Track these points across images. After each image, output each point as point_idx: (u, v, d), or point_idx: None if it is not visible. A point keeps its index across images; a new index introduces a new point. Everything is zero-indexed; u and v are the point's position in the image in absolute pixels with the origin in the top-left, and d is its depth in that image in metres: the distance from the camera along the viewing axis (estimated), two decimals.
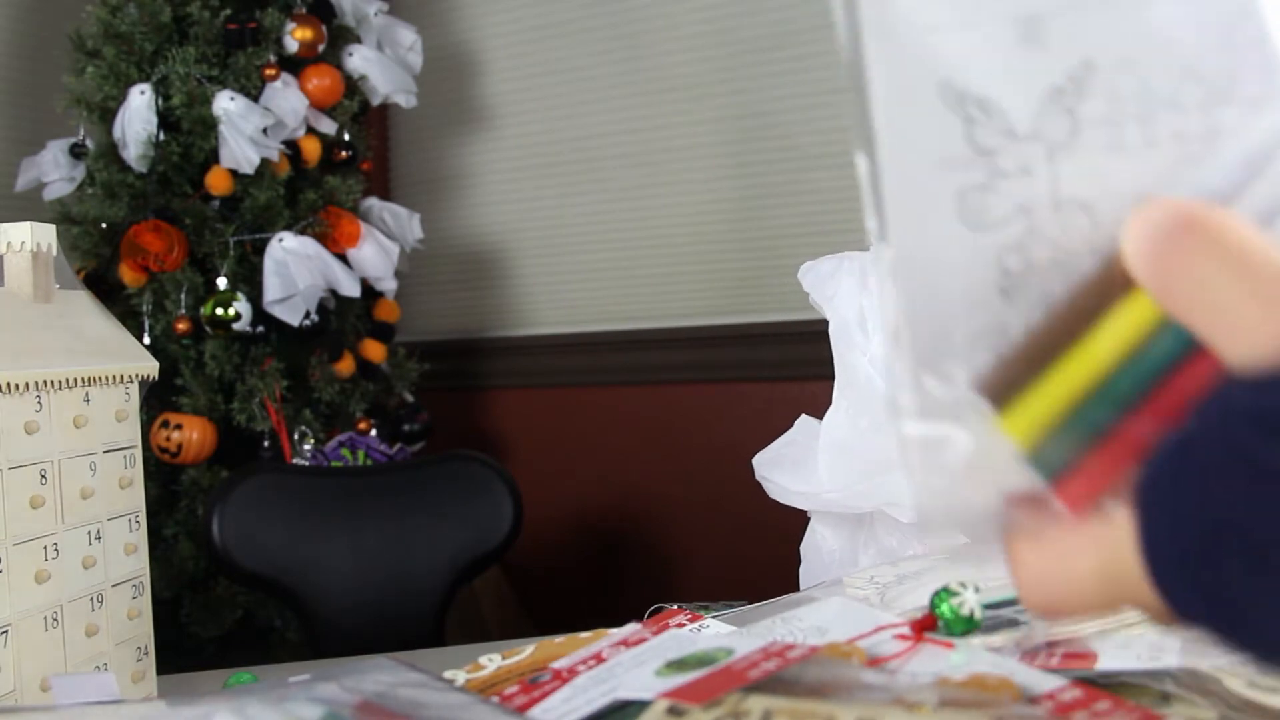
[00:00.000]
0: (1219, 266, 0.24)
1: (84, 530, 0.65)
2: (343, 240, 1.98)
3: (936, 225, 0.29)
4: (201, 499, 1.80)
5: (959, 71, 0.28)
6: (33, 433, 0.61)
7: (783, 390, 2.20)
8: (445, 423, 2.39)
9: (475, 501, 1.48)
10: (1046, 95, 0.28)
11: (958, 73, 0.28)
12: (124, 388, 0.70)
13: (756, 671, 0.37)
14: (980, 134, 0.28)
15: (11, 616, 0.59)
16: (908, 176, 0.29)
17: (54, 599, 0.63)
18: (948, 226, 0.29)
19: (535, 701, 0.45)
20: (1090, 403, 0.27)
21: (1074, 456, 0.27)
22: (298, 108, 1.91)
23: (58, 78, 1.93)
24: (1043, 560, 0.27)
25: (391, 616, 1.41)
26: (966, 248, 0.28)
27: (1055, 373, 0.28)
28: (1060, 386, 0.28)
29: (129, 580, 0.70)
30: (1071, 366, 0.27)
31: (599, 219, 2.49)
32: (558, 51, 2.51)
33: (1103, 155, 0.28)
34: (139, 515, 0.71)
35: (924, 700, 0.35)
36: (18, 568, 0.60)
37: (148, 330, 1.84)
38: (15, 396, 0.60)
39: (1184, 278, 0.25)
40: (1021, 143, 0.28)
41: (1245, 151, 0.27)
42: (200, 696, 0.45)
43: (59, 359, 0.64)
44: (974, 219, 0.28)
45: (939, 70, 0.28)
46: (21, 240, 0.65)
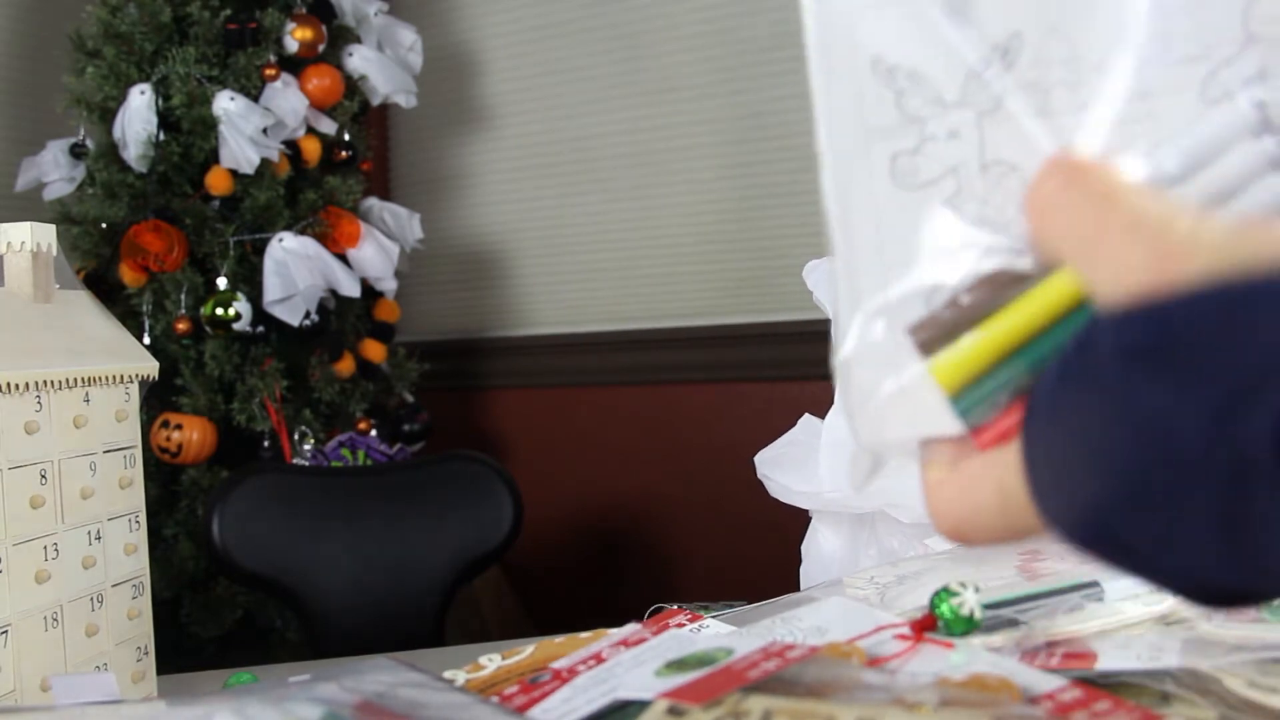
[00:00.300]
0: (1090, 206, 0.26)
1: (84, 530, 0.65)
2: (343, 240, 1.98)
3: (872, 186, 0.31)
4: (201, 499, 1.80)
5: (889, 46, 0.30)
6: (33, 433, 0.61)
7: (783, 390, 2.20)
8: (445, 423, 2.39)
9: (475, 501, 1.48)
10: (974, 64, 0.29)
11: (888, 47, 0.30)
12: (124, 388, 0.70)
13: (756, 671, 0.37)
14: (910, 103, 0.30)
15: (11, 616, 0.59)
16: (845, 143, 0.31)
17: (54, 599, 0.63)
18: (882, 187, 0.31)
19: (535, 701, 0.45)
20: (1013, 361, 0.29)
21: (993, 407, 0.29)
22: (298, 108, 1.91)
23: (58, 78, 1.93)
24: (951, 488, 0.29)
25: (391, 616, 1.41)
26: (900, 206, 0.30)
27: (984, 330, 0.29)
28: (987, 343, 0.29)
29: (129, 580, 0.70)
30: (999, 326, 0.29)
31: (599, 219, 2.49)
32: (558, 51, 2.51)
33: (1030, 119, 0.29)
34: (139, 515, 0.71)
35: (924, 700, 0.35)
36: (18, 568, 0.60)
37: (148, 330, 1.84)
38: (15, 396, 0.60)
39: (1061, 216, 0.26)
40: (950, 110, 0.30)
41: (1197, 142, 0.28)
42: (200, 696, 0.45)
43: (59, 359, 0.64)
44: (906, 180, 0.30)
45: (871, 46, 0.30)
46: (21, 240, 0.65)
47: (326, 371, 1.95)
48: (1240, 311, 0.23)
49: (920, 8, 0.30)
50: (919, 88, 0.30)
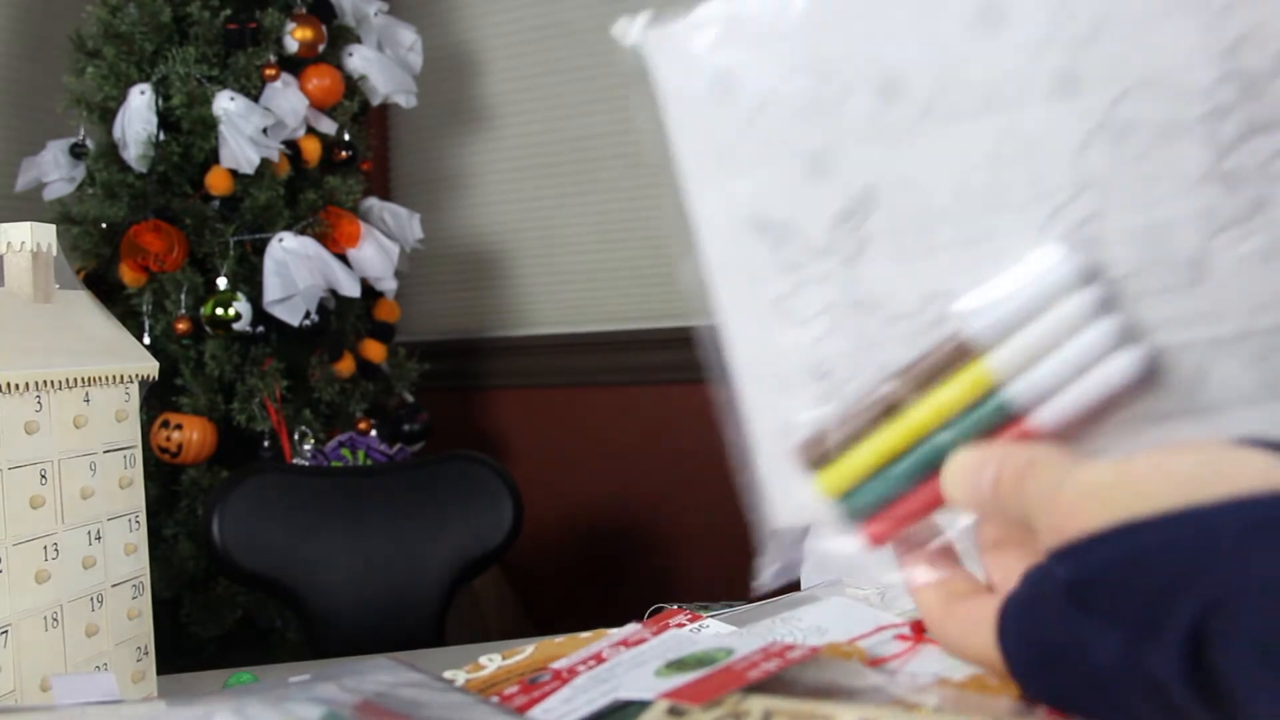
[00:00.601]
0: (1037, 493, 0.31)
1: (84, 530, 0.65)
2: (343, 240, 1.98)
3: (759, 324, 0.36)
4: (201, 499, 1.80)
5: (761, 203, 0.34)
6: (33, 433, 0.61)
7: None
8: (445, 423, 2.39)
9: (475, 501, 1.48)
10: (836, 216, 0.34)
11: (760, 204, 0.34)
12: (124, 388, 0.70)
13: (756, 672, 0.37)
14: (784, 252, 0.35)
15: (11, 616, 0.59)
16: (732, 287, 0.35)
17: (54, 599, 0.63)
18: (768, 324, 0.35)
19: (535, 702, 0.45)
20: (900, 464, 0.34)
21: (878, 505, 0.34)
22: (298, 108, 1.91)
23: (58, 78, 1.93)
24: (953, 629, 0.35)
25: (391, 616, 1.41)
26: (785, 340, 0.35)
27: (867, 442, 0.34)
28: (865, 458, 0.34)
29: (129, 580, 0.70)
30: (875, 444, 0.34)
31: (599, 219, 2.49)
32: (558, 51, 2.51)
33: (891, 261, 0.34)
34: (139, 515, 0.71)
35: (923, 701, 0.35)
36: (18, 568, 0.60)
37: (148, 330, 1.84)
38: (15, 396, 0.60)
39: (1020, 497, 0.32)
40: (819, 256, 0.34)
41: (1030, 295, 0.32)
42: (200, 696, 0.45)
43: (59, 359, 0.63)
44: (787, 318, 0.35)
45: (747, 204, 0.35)
46: (21, 240, 0.65)
47: (326, 371, 1.95)
48: (1136, 555, 0.27)
49: (786, 169, 0.34)
50: (791, 238, 0.34)
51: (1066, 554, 0.29)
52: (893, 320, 0.34)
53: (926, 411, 0.33)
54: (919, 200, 0.33)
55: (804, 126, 0.33)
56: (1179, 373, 0.31)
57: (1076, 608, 0.29)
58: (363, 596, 1.41)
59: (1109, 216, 0.31)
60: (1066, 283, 0.31)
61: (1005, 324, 0.32)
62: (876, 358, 0.34)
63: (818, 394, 0.35)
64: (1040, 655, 0.30)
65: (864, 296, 0.34)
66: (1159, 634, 0.26)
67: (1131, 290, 0.31)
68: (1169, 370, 0.31)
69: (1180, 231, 0.31)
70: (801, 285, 0.35)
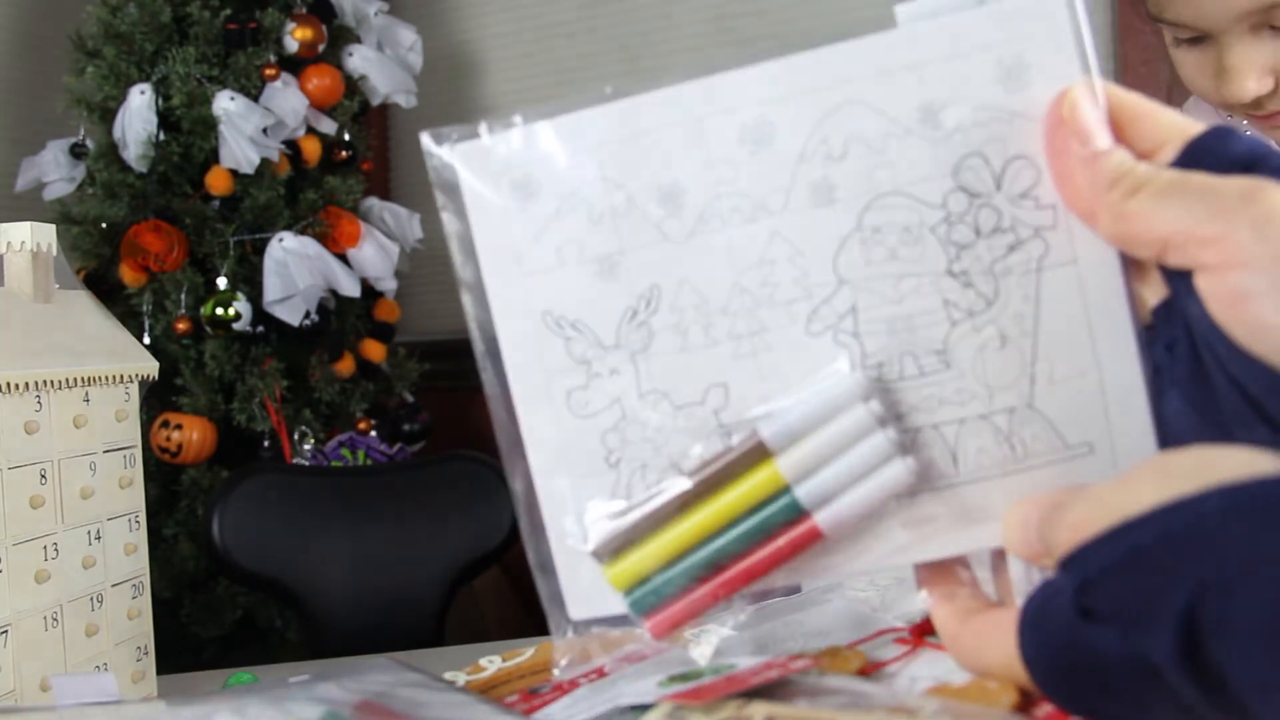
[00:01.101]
0: (1058, 523, 0.33)
1: (84, 530, 0.65)
2: (343, 240, 1.98)
3: (554, 416, 0.38)
4: (201, 499, 1.80)
5: (555, 302, 0.38)
6: (33, 433, 0.61)
7: None
8: (445, 423, 2.39)
9: (475, 502, 1.48)
10: (624, 314, 0.37)
11: (554, 303, 0.38)
12: (124, 388, 0.70)
13: (759, 679, 0.37)
14: (577, 348, 0.38)
15: (11, 616, 0.59)
16: (529, 381, 0.38)
17: (54, 599, 0.63)
18: (563, 416, 0.38)
19: (535, 709, 0.45)
20: (685, 560, 0.36)
21: (662, 601, 0.36)
22: (298, 108, 1.91)
23: (58, 78, 1.93)
24: (966, 643, 0.36)
25: (391, 616, 1.41)
26: (578, 431, 0.38)
27: (656, 538, 0.36)
28: (658, 550, 0.36)
29: (129, 580, 0.70)
30: (662, 541, 0.36)
31: None
32: (558, 51, 2.51)
33: (675, 355, 0.37)
34: (139, 515, 0.71)
35: (923, 706, 0.35)
36: (18, 568, 0.60)
37: (148, 330, 1.84)
38: (15, 396, 0.60)
39: (1050, 533, 0.33)
40: (609, 351, 0.37)
41: (815, 405, 0.36)
42: (200, 696, 0.45)
43: (59, 359, 0.63)
44: (580, 410, 0.38)
45: (541, 302, 0.38)
46: (21, 240, 0.65)
47: (326, 371, 1.95)
48: (1132, 550, 0.29)
49: (578, 270, 0.38)
50: (582, 335, 0.38)
51: (1070, 561, 0.31)
52: (676, 410, 0.37)
53: (716, 510, 0.36)
54: (699, 298, 0.37)
55: (595, 231, 0.37)
56: (933, 450, 0.35)
57: (1082, 614, 0.30)
58: (363, 596, 1.41)
59: (864, 310, 0.36)
60: (851, 395, 0.35)
61: (795, 430, 0.35)
62: (663, 447, 0.37)
63: (610, 484, 0.38)
64: (1056, 662, 0.31)
65: (650, 389, 0.37)
66: (1154, 622, 0.27)
67: (888, 376, 0.35)
68: (924, 448, 0.35)
69: (925, 323, 0.35)
70: (593, 379, 0.38)
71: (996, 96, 0.35)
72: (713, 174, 0.37)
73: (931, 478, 0.35)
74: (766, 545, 0.35)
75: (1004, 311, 0.35)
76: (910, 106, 0.35)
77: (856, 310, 0.36)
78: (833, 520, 0.35)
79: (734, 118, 0.37)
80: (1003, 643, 0.34)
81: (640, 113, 0.38)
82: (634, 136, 0.38)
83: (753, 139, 0.36)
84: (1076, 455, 0.35)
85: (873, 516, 0.35)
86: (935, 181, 0.35)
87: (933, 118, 0.35)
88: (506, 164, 0.38)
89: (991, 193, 0.35)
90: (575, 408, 0.38)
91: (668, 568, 0.36)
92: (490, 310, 0.39)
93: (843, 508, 0.35)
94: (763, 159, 0.36)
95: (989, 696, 0.37)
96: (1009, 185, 0.35)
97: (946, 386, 0.35)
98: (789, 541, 0.35)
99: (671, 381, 0.37)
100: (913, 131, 0.35)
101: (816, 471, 0.35)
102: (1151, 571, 0.28)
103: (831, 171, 0.36)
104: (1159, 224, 0.32)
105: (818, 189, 0.36)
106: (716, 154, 0.37)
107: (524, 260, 0.38)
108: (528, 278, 0.38)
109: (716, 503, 0.36)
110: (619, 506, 0.37)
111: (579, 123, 0.39)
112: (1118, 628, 0.29)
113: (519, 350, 0.38)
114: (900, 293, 0.35)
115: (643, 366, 0.37)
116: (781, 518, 0.35)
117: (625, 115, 0.39)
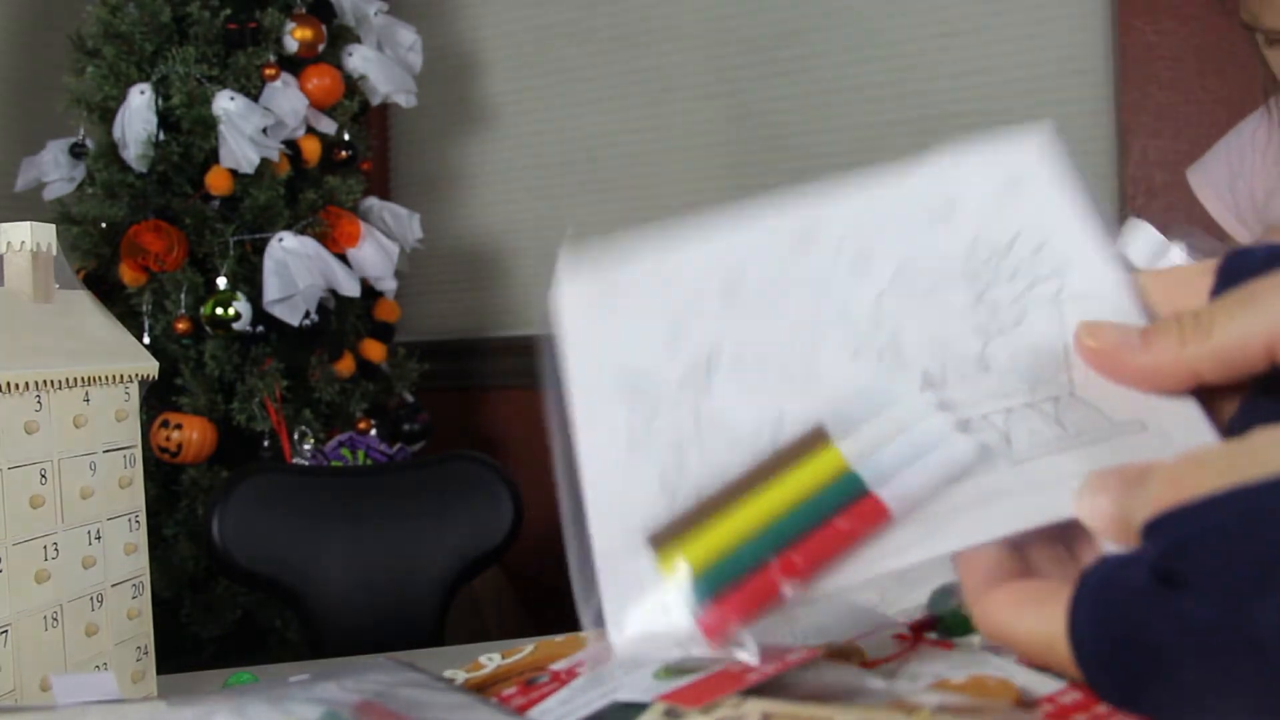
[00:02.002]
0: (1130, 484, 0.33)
1: (84, 530, 0.65)
2: (343, 240, 1.98)
3: (615, 465, 0.40)
4: (201, 499, 1.80)
5: (629, 359, 0.42)
6: (33, 433, 0.61)
7: None
8: (445, 423, 2.39)
9: (475, 502, 1.48)
10: (688, 365, 0.41)
11: (629, 360, 0.42)
12: (124, 388, 0.70)
13: (754, 675, 0.37)
14: (641, 398, 0.41)
15: (11, 616, 0.59)
16: (594, 436, 0.42)
17: (54, 599, 0.63)
18: (622, 464, 0.40)
19: (533, 703, 0.45)
20: (748, 545, 0.36)
21: (721, 588, 0.36)
22: (298, 108, 1.91)
23: (58, 78, 1.93)
24: (994, 607, 0.35)
25: (391, 616, 1.41)
26: (637, 475, 0.40)
27: (715, 522, 0.37)
28: (720, 532, 0.37)
29: (129, 580, 0.70)
30: (734, 516, 0.37)
31: (599, 219, 2.49)
32: (558, 51, 2.51)
33: (732, 395, 0.40)
34: (139, 515, 0.71)
35: (922, 703, 0.35)
36: (18, 568, 0.60)
37: (148, 330, 1.84)
38: (15, 396, 0.60)
39: (1132, 495, 0.32)
40: (672, 398, 0.41)
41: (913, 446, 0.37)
42: (200, 696, 0.45)
43: (59, 359, 0.64)
44: (640, 454, 0.40)
45: (617, 358, 0.42)
46: (21, 240, 0.65)
47: (326, 371, 1.95)
48: (1248, 517, 0.28)
49: (649, 335, 0.42)
50: (648, 386, 0.41)
51: (1158, 525, 0.30)
52: (733, 444, 0.39)
53: (777, 493, 0.36)
54: (758, 348, 0.41)
55: (666, 307, 0.44)
56: (986, 435, 0.37)
57: (1163, 581, 0.29)
58: (363, 596, 1.41)
59: (904, 335, 0.40)
60: (907, 388, 0.38)
61: (854, 418, 0.38)
62: (720, 477, 0.39)
63: (662, 507, 0.39)
64: (1115, 638, 0.30)
65: (708, 426, 0.40)
66: (1267, 594, 0.26)
67: (934, 379, 0.39)
68: (977, 433, 0.37)
69: (961, 341, 0.39)
70: (654, 423, 0.41)
71: (998, 196, 0.42)
72: (767, 263, 0.44)
73: (990, 457, 0.36)
74: (830, 525, 0.35)
75: (1032, 329, 0.38)
76: (933, 211, 0.43)
77: (897, 336, 0.40)
78: (898, 497, 0.35)
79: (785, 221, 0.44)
80: (1039, 615, 0.33)
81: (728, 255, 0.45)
82: (700, 236, 0.47)
83: (803, 240, 0.44)
84: (1129, 431, 0.35)
85: (938, 497, 0.36)
86: (956, 261, 0.41)
87: (950, 212, 0.42)
88: (596, 272, 0.46)
89: (1005, 251, 0.41)
90: (635, 452, 0.40)
91: (728, 554, 0.36)
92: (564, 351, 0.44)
93: (907, 484, 0.35)
94: (809, 255, 0.43)
95: (989, 693, 0.37)
96: (1019, 246, 0.40)
97: (990, 385, 0.38)
98: (854, 522, 0.35)
99: (730, 418, 0.40)
100: (935, 224, 0.42)
101: (877, 452, 0.36)
102: (1271, 542, 0.27)
103: (871, 252, 0.43)
104: (1254, 329, 0.32)
105: (859, 262, 0.43)
106: (770, 252, 0.44)
107: (601, 330, 0.45)
108: (605, 349, 0.44)
109: (777, 486, 0.36)
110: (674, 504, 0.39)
111: (679, 264, 0.46)
112: (1214, 595, 0.27)
113: (589, 409, 0.42)
114: (935, 321, 0.40)
115: (702, 408, 0.41)
116: (845, 497, 0.35)
117: (713, 261, 0.44)
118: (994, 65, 2.15)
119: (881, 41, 2.22)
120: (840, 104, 2.26)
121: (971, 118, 2.16)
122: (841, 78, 2.26)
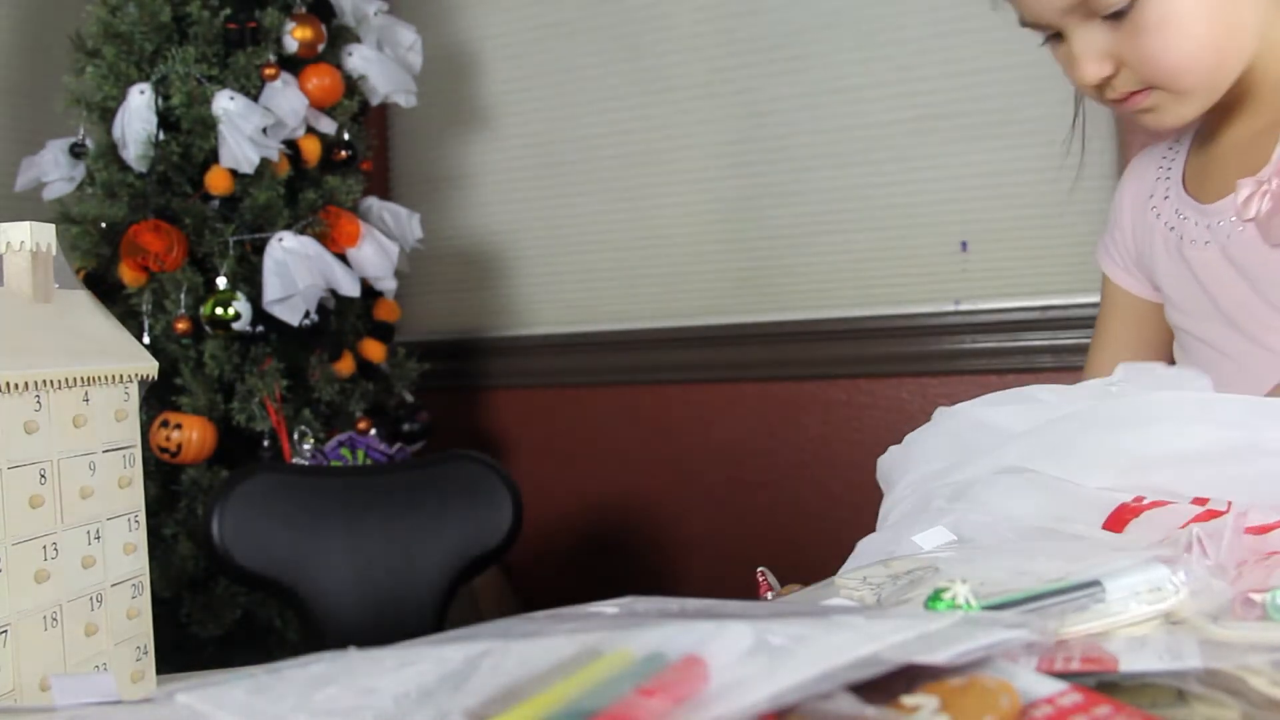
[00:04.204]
0: None
1: (83, 530, 0.65)
2: (342, 240, 1.98)
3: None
4: (201, 499, 1.80)
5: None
6: (32, 432, 0.61)
7: (781, 390, 2.20)
8: (445, 423, 2.39)
9: (475, 501, 1.48)
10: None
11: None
12: (124, 387, 0.70)
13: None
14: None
15: (11, 616, 0.59)
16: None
17: (53, 599, 0.63)
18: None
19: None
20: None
21: None
22: (298, 107, 1.91)
23: (58, 78, 1.93)
24: None
25: (391, 616, 1.41)
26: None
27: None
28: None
29: (129, 580, 0.70)
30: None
31: (599, 219, 2.49)
32: (558, 51, 2.51)
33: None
34: (139, 515, 0.71)
35: (921, 704, 0.35)
36: (17, 568, 0.60)
37: (148, 330, 1.84)
38: (15, 396, 0.60)
39: None
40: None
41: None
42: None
43: (59, 359, 0.64)
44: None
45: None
46: (21, 240, 0.65)
47: (326, 371, 1.95)
48: None
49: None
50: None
51: None
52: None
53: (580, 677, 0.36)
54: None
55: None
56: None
57: None
58: (362, 596, 1.41)
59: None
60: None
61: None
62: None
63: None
64: None
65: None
66: None
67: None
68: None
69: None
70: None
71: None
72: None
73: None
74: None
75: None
76: None
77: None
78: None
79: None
80: None
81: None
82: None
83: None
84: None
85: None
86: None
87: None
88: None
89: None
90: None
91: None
92: None
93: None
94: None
95: (987, 696, 0.37)
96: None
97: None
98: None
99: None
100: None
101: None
102: None
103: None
104: None
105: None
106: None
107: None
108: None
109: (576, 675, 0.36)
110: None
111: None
112: None
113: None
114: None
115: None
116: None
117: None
118: (994, 65, 2.15)
119: (881, 41, 2.22)
120: (840, 104, 2.26)
121: (971, 117, 2.16)
122: (841, 78, 2.26)
